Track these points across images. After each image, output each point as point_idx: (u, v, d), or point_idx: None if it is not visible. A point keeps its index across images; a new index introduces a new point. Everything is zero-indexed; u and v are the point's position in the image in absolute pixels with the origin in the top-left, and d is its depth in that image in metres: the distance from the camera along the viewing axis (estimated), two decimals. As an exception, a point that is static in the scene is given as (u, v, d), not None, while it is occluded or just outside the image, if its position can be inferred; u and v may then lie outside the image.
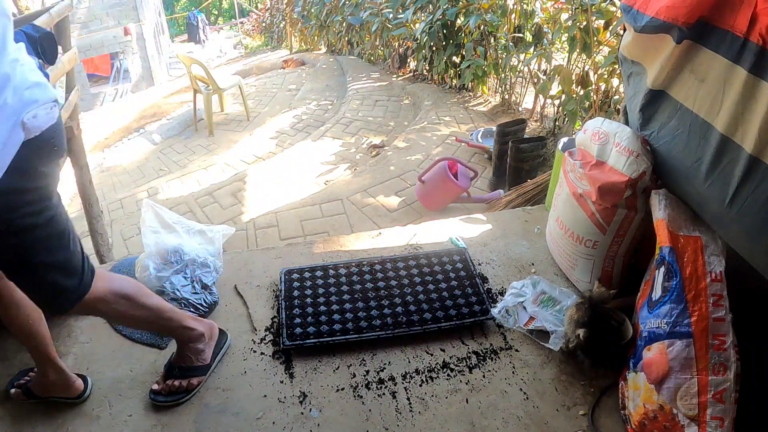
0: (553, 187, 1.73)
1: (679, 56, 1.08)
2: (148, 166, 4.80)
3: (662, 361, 1.07)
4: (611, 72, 2.61)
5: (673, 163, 1.16)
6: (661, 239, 1.15)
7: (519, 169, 2.55)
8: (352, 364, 1.32)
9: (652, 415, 1.08)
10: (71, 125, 2.16)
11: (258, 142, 4.49)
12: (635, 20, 1.15)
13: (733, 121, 0.96)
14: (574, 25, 2.64)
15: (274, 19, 10.06)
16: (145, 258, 1.46)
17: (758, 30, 0.88)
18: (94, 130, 6.02)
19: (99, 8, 9.11)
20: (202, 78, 5.06)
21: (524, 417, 1.18)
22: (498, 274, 1.61)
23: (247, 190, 3.31)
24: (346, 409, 1.22)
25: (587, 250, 1.39)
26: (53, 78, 1.72)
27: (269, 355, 1.35)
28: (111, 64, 10.09)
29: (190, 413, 1.21)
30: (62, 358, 1.34)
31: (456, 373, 1.29)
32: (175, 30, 16.25)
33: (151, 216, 1.54)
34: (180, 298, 1.41)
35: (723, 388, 0.99)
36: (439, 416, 1.20)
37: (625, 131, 1.27)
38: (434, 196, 2.61)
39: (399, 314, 1.43)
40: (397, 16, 4.41)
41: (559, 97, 3.08)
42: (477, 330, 1.41)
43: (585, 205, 1.35)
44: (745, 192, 0.96)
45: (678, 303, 1.07)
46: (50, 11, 1.85)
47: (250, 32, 12.66)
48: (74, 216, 3.89)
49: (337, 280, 1.55)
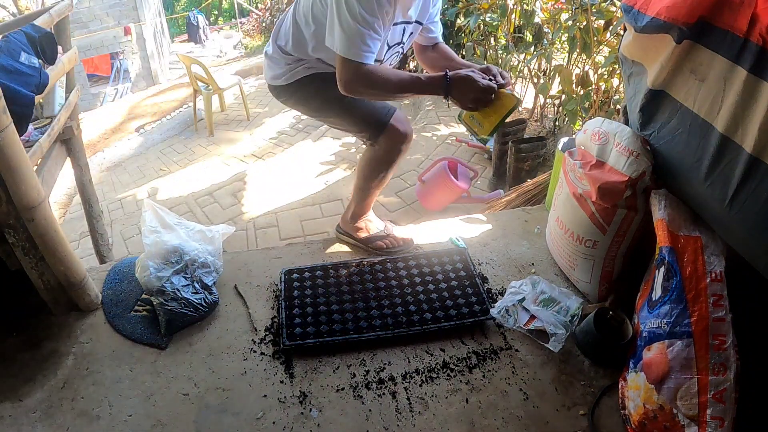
0: (553, 187, 1.73)
1: (679, 56, 1.08)
2: (148, 166, 4.80)
3: (662, 361, 1.07)
4: (611, 72, 2.61)
5: (673, 163, 1.16)
6: (661, 239, 1.15)
7: (519, 169, 2.55)
8: (352, 364, 1.32)
9: (652, 415, 1.08)
10: (71, 125, 2.16)
11: (258, 142, 4.49)
12: (635, 20, 1.15)
13: (733, 121, 0.96)
14: (574, 25, 2.64)
15: (274, 19, 10.06)
16: (145, 258, 1.46)
17: (758, 30, 0.88)
18: (95, 130, 6.02)
19: (99, 8, 9.10)
20: (202, 78, 5.06)
21: (524, 417, 1.18)
22: (498, 274, 1.61)
23: (247, 190, 3.31)
24: (346, 409, 1.22)
25: (587, 250, 1.39)
26: (53, 78, 1.72)
27: (269, 355, 1.35)
28: (111, 64, 10.09)
29: (190, 413, 1.21)
30: (62, 358, 1.35)
31: (456, 373, 1.29)
32: (175, 30, 16.24)
33: (152, 216, 1.54)
34: (180, 298, 1.41)
35: (723, 388, 0.99)
36: (439, 416, 1.20)
37: (625, 131, 1.27)
38: (434, 196, 2.61)
39: (399, 314, 1.43)
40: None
41: (559, 97, 3.08)
42: (477, 330, 1.41)
43: (585, 205, 1.35)
44: (745, 192, 0.96)
45: (678, 303, 1.07)
46: (50, 11, 1.86)
47: (250, 32, 12.66)
48: (74, 216, 3.89)
49: (337, 280, 1.55)
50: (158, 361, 1.34)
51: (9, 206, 1.22)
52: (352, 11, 1.22)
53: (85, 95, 8.78)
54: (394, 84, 1.33)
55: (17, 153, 1.17)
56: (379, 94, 1.38)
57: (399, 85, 1.34)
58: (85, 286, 1.44)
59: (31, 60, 1.54)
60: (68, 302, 1.46)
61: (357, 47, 1.25)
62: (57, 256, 1.33)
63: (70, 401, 1.25)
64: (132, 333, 1.41)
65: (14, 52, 1.50)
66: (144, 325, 1.43)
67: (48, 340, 1.40)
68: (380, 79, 1.31)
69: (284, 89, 1.54)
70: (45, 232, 1.28)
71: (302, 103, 1.56)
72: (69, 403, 1.24)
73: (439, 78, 1.32)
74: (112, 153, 5.30)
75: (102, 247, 2.62)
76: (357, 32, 1.23)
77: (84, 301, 1.46)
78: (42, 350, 1.38)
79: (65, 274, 1.37)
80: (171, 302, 1.40)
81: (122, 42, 9.51)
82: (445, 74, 1.31)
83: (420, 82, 1.34)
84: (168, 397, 1.25)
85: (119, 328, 1.43)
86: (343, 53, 1.27)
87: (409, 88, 1.36)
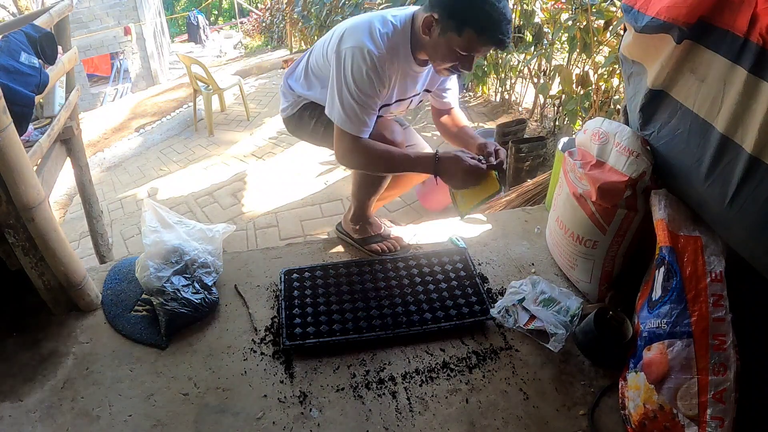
0: (553, 187, 1.73)
1: (679, 56, 1.08)
2: (148, 166, 4.80)
3: (662, 361, 1.07)
4: (611, 72, 2.61)
5: (673, 163, 1.16)
6: (661, 239, 1.15)
7: (519, 169, 2.55)
8: (352, 364, 1.32)
9: (652, 415, 1.08)
10: (71, 125, 2.16)
11: (258, 142, 4.49)
12: (636, 20, 1.15)
13: (733, 121, 0.96)
14: (574, 25, 2.64)
15: (274, 19, 10.07)
16: (145, 258, 1.46)
17: (758, 30, 0.88)
18: (95, 130, 6.02)
19: (99, 8, 9.11)
20: (202, 78, 5.06)
21: (524, 417, 1.18)
22: (498, 274, 1.61)
23: (247, 190, 3.31)
24: (346, 409, 1.22)
25: (587, 250, 1.39)
26: (53, 78, 1.72)
27: (269, 355, 1.35)
28: (111, 64, 10.10)
29: (190, 413, 1.21)
30: (62, 358, 1.35)
31: (456, 373, 1.29)
32: (176, 30, 16.25)
33: (152, 216, 1.54)
34: (180, 298, 1.41)
35: (723, 388, 0.99)
36: (439, 416, 1.20)
37: (625, 131, 1.27)
38: (434, 196, 2.61)
39: (399, 314, 1.43)
40: (397, 16, 4.40)
41: (559, 97, 3.08)
42: (477, 330, 1.41)
43: (585, 205, 1.35)
44: (745, 192, 0.96)
45: (678, 303, 1.07)
46: (50, 11, 1.85)
47: (250, 32, 12.67)
48: (74, 216, 3.89)
49: (337, 280, 1.55)
50: (158, 361, 1.34)
51: (9, 206, 1.22)
52: (349, 89, 1.30)
53: (85, 95, 8.80)
54: (386, 161, 1.39)
55: (17, 153, 1.17)
56: (371, 169, 1.47)
57: (390, 164, 1.40)
58: (85, 286, 1.44)
59: (31, 60, 1.54)
60: (68, 302, 1.46)
61: (353, 122, 1.33)
62: (57, 256, 1.33)
63: (70, 401, 1.25)
64: (132, 333, 1.41)
65: (14, 52, 1.50)
66: (144, 325, 1.43)
67: (48, 340, 1.40)
68: (372, 156, 1.38)
69: (289, 120, 1.62)
70: (45, 232, 1.28)
71: (303, 129, 1.61)
72: (69, 403, 1.24)
73: (428, 157, 1.38)
74: (112, 153, 5.30)
75: (102, 247, 2.62)
76: (353, 108, 1.31)
77: (84, 301, 1.46)
78: (42, 350, 1.38)
79: (65, 274, 1.37)
80: (171, 302, 1.40)
81: (122, 42, 9.52)
82: (435, 153, 1.37)
83: (410, 160, 1.39)
84: (168, 397, 1.25)
85: (119, 328, 1.43)
86: (341, 125, 1.35)
87: (400, 166, 1.42)
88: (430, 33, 1.29)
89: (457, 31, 1.22)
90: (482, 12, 1.19)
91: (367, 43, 1.29)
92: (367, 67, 1.28)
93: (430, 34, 1.29)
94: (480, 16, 1.20)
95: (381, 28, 1.33)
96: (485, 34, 1.21)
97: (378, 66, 1.29)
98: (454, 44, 1.24)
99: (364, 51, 1.28)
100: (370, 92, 1.31)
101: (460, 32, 1.22)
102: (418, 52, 1.36)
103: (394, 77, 1.39)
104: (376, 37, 1.31)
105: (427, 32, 1.29)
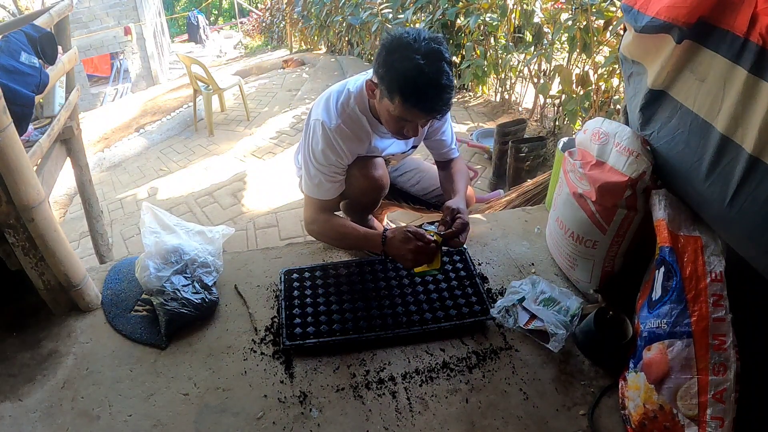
0: (553, 187, 1.73)
1: (679, 56, 1.08)
2: (148, 166, 4.80)
3: (662, 361, 1.07)
4: (611, 72, 2.61)
5: (673, 163, 1.17)
6: (661, 239, 1.15)
7: (519, 169, 2.55)
8: (352, 364, 1.32)
9: (652, 415, 1.08)
10: (71, 125, 2.16)
11: (258, 142, 4.48)
12: (636, 20, 1.15)
13: (733, 121, 0.96)
14: (574, 25, 2.64)
15: (274, 19, 10.07)
16: (145, 258, 1.46)
17: (758, 30, 0.88)
18: (94, 130, 6.02)
19: (99, 8, 9.12)
20: (202, 78, 5.06)
21: (524, 417, 1.18)
22: (498, 274, 1.61)
23: (247, 190, 3.31)
24: (346, 409, 1.22)
25: (587, 250, 1.39)
26: (53, 78, 1.73)
27: (269, 355, 1.35)
28: (111, 64, 10.11)
29: (190, 413, 1.21)
30: (62, 358, 1.35)
31: (456, 373, 1.29)
32: (176, 30, 16.26)
33: (151, 218, 1.54)
34: (180, 298, 1.41)
35: (723, 388, 0.99)
36: (439, 416, 1.20)
37: (625, 131, 1.27)
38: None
39: (399, 314, 1.43)
40: (397, 17, 4.41)
41: (559, 97, 3.08)
42: (477, 330, 1.41)
43: (585, 205, 1.35)
44: (745, 192, 0.96)
45: (678, 303, 1.07)
46: (50, 11, 1.86)
47: (250, 32, 12.67)
48: (74, 216, 3.89)
49: (337, 280, 1.55)
50: (158, 361, 1.34)
51: (9, 206, 1.22)
52: (312, 160, 1.44)
53: (85, 95, 8.80)
54: (340, 238, 1.55)
55: (17, 153, 1.17)
56: (327, 241, 1.65)
57: (344, 241, 1.56)
58: (85, 286, 1.44)
59: (32, 60, 1.54)
60: (68, 302, 1.46)
61: (318, 188, 1.48)
62: (57, 256, 1.33)
63: (70, 401, 1.25)
64: (132, 333, 1.41)
65: (14, 52, 1.50)
66: (144, 325, 1.43)
67: (48, 340, 1.40)
68: (328, 230, 1.53)
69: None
70: (45, 232, 1.28)
71: None
72: (69, 403, 1.24)
73: (377, 236, 1.43)
74: (112, 153, 5.30)
75: (102, 247, 2.62)
76: (318, 176, 1.45)
77: (84, 301, 1.46)
78: (42, 350, 1.38)
79: (65, 274, 1.37)
80: (171, 302, 1.40)
81: (122, 42, 9.53)
82: (384, 232, 1.40)
83: (363, 239, 1.48)
84: (168, 397, 1.25)
85: (119, 328, 1.43)
86: (307, 192, 1.52)
87: (353, 243, 1.55)
88: (374, 97, 1.29)
89: (389, 97, 1.19)
90: (407, 79, 1.12)
91: (323, 116, 1.36)
92: (323, 143, 1.38)
93: (374, 98, 1.29)
94: (403, 82, 1.13)
95: (337, 99, 1.38)
96: (409, 101, 1.15)
97: (332, 139, 1.36)
98: (391, 110, 1.21)
99: (318, 125, 1.38)
100: (330, 162, 1.42)
101: (391, 99, 1.18)
102: None
103: (366, 141, 1.44)
104: (330, 108, 1.37)
105: (372, 96, 1.30)
